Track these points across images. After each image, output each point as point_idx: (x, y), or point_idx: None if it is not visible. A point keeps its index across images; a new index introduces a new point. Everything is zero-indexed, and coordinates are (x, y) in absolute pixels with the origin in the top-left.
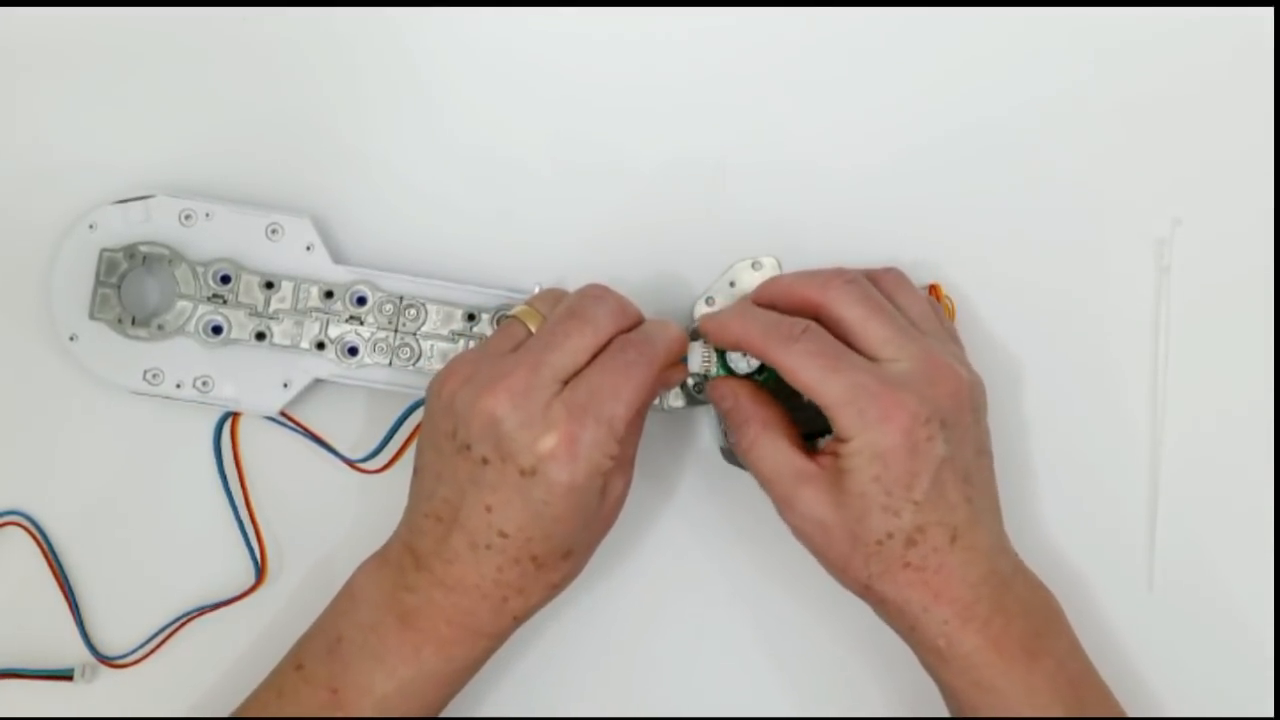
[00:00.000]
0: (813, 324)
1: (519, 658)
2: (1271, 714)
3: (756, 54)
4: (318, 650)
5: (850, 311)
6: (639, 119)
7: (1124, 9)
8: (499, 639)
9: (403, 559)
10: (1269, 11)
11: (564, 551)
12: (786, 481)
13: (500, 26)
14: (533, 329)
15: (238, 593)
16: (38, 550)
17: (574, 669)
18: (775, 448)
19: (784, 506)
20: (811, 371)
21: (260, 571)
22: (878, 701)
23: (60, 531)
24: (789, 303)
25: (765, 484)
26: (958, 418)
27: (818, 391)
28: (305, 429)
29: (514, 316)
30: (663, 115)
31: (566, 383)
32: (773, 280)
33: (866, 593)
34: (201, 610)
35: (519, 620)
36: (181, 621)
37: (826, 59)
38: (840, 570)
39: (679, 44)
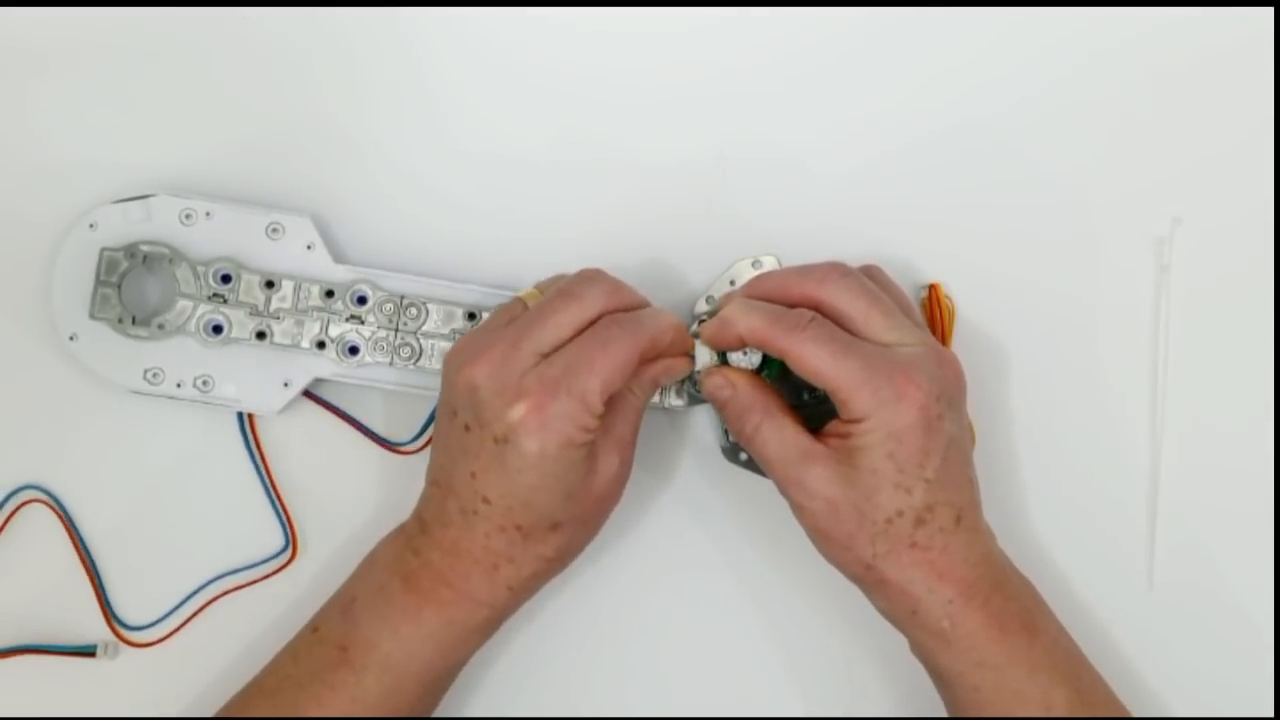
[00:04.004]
0: (817, 314)
1: (518, 653)
2: (1271, 714)
3: (757, 52)
4: (333, 612)
5: (852, 304)
6: (639, 118)
7: (1124, 8)
8: (496, 609)
9: (413, 525)
10: (1269, 11)
11: (549, 523)
12: (793, 461)
13: (501, 26)
14: (531, 307)
15: (262, 573)
16: (60, 529)
17: (573, 663)
18: (780, 430)
19: (791, 487)
20: (823, 358)
21: (292, 547)
22: (878, 694)
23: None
24: (785, 298)
25: (770, 466)
26: (961, 399)
27: (830, 376)
28: (339, 412)
29: (517, 297)
30: (663, 114)
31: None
32: (765, 276)
33: (867, 574)
34: (227, 590)
35: (515, 592)
36: (207, 600)
37: (826, 57)
38: (843, 549)
39: (679, 43)
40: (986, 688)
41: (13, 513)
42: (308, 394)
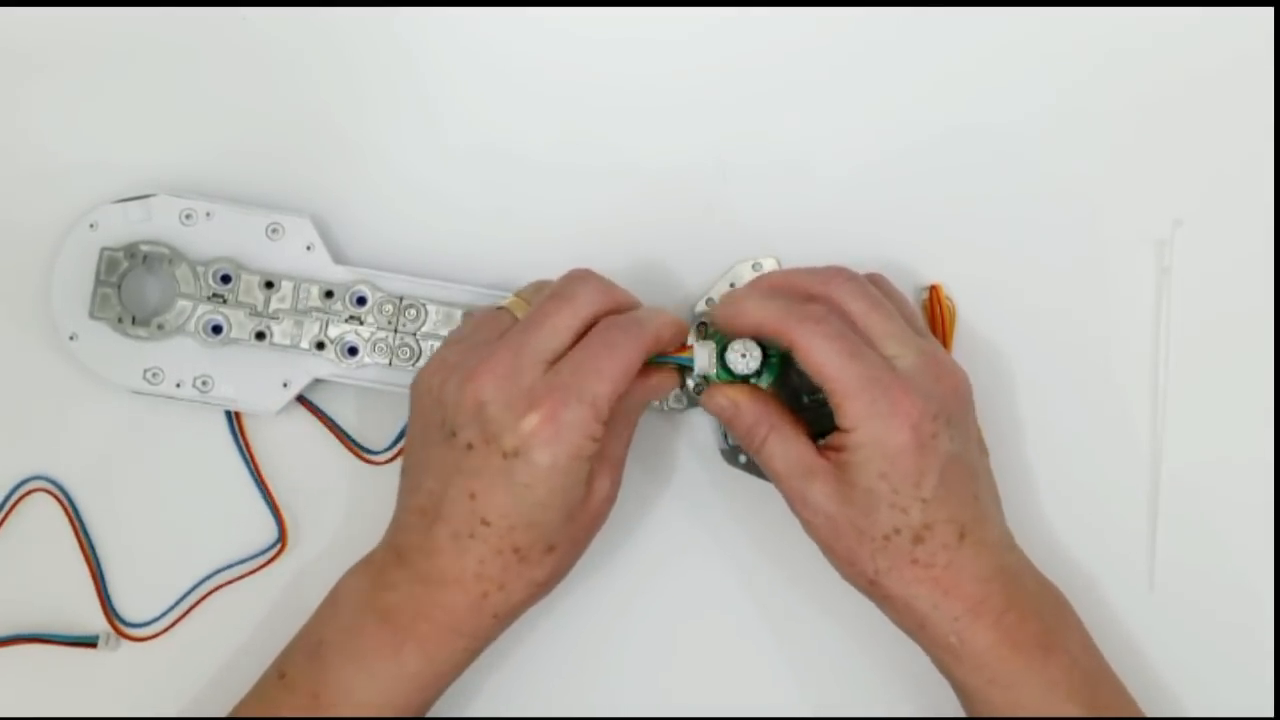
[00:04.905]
0: (832, 311)
1: (518, 658)
2: (1271, 714)
3: (758, 54)
4: (300, 657)
5: (854, 306)
6: (639, 119)
7: (1124, 9)
8: (479, 639)
9: (385, 558)
10: (1269, 11)
11: (547, 544)
12: (797, 477)
13: (500, 27)
14: (519, 316)
15: (251, 567)
16: (58, 524)
17: (574, 667)
18: (785, 445)
19: (795, 501)
20: (829, 354)
21: (282, 541)
22: (884, 694)
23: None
24: (790, 295)
25: (776, 480)
26: (962, 414)
27: (833, 376)
28: (323, 416)
29: (501, 307)
30: (663, 115)
31: (553, 364)
32: (770, 274)
33: (872, 588)
34: (221, 584)
35: (499, 620)
36: (203, 594)
37: (827, 60)
38: (847, 565)
39: (679, 43)
40: (997, 704)
41: (15, 503)
42: (298, 398)
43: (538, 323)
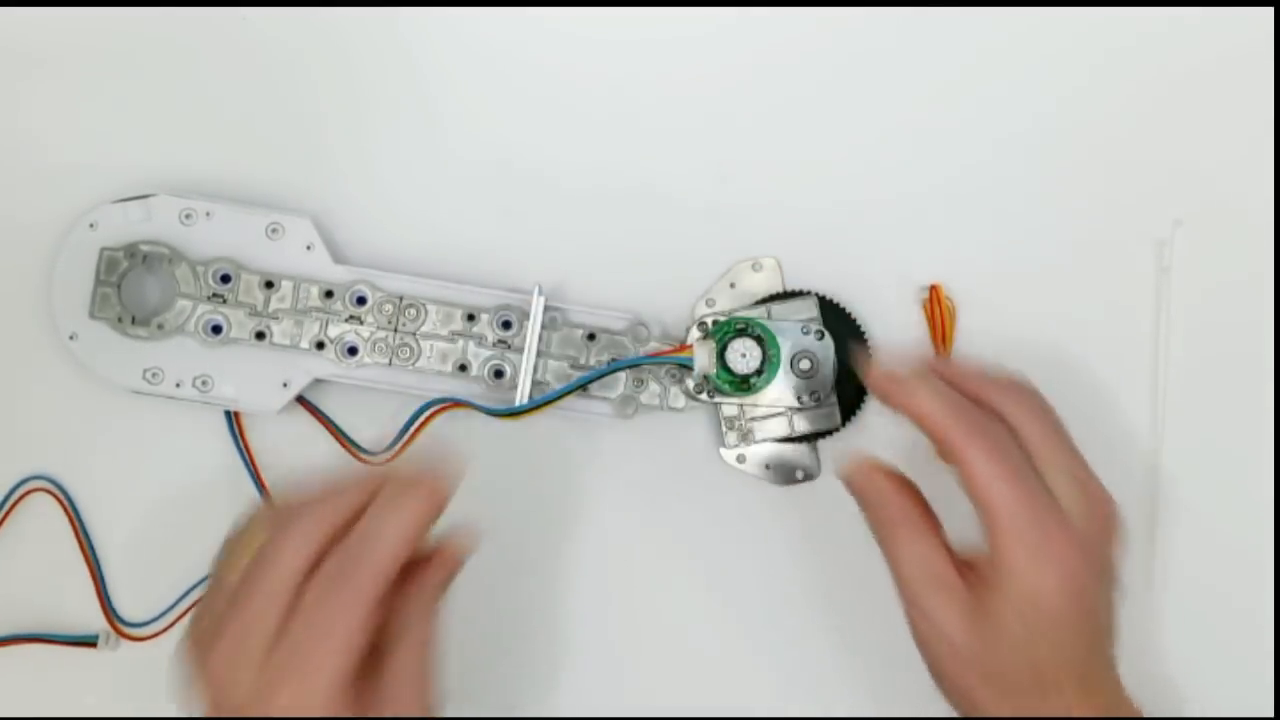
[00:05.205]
0: (1005, 426)
1: (516, 664)
2: (1271, 714)
3: (759, 54)
4: None
5: (1029, 428)
6: (640, 118)
7: (1123, 9)
8: None
9: None
10: (1269, 11)
11: None
12: (924, 584)
13: (500, 27)
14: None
15: None
16: (56, 524)
17: (572, 667)
18: (915, 543)
19: (913, 609)
20: (988, 473)
21: None
22: (889, 697)
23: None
24: (958, 388)
25: (899, 582)
26: (1112, 561)
27: (988, 496)
28: (322, 418)
29: (221, 567)
30: (664, 115)
31: (284, 627)
32: (946, 362)
33: (973, 714)
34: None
35: None
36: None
37: (828, 60)
38: (952, 689)
39: (680, 44)
40: None
41: (15, 503)
42: (298, 398)
43: (255, 587)
